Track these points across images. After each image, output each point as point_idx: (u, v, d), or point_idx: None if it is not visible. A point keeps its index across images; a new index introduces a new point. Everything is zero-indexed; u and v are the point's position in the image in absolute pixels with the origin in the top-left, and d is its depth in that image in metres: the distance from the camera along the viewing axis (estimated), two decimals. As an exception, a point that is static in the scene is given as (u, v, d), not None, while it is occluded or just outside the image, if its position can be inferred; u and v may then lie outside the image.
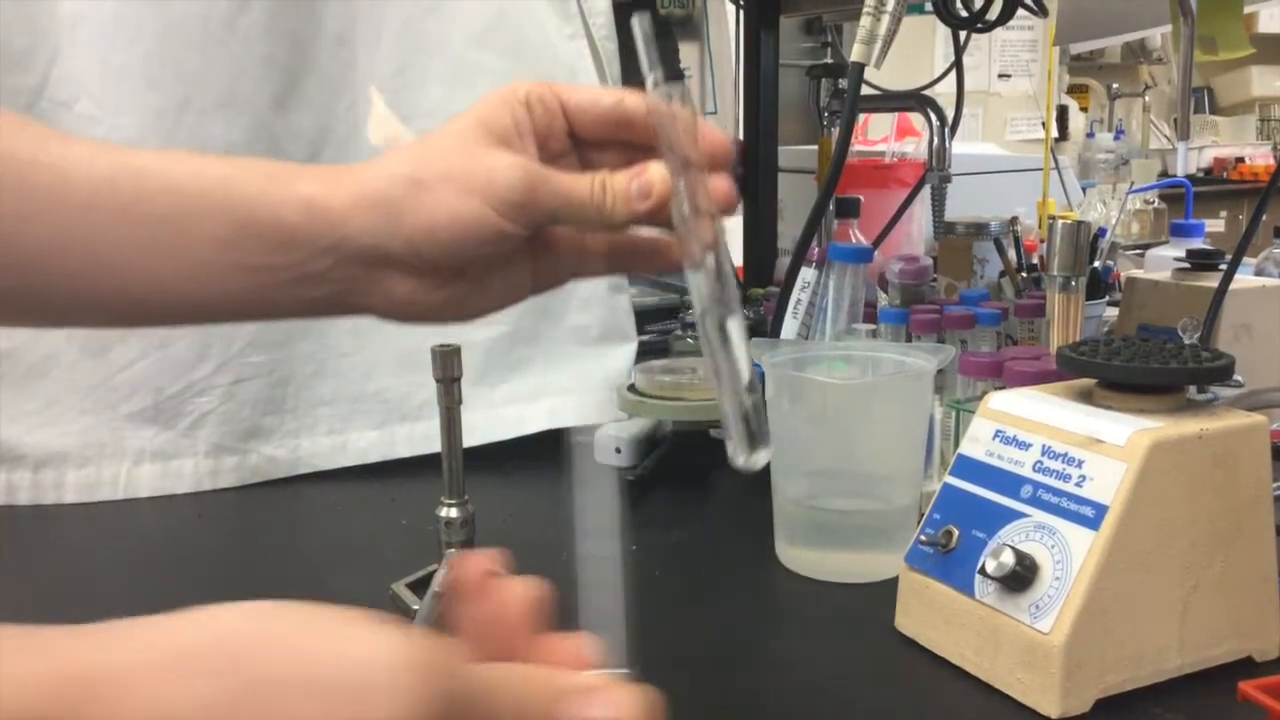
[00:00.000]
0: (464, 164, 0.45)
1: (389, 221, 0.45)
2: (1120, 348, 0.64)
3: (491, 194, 0.45)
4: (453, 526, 0.72)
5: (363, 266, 0.46)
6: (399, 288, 0.47)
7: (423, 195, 0.45)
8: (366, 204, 0.45)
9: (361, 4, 0.96)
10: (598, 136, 0.49)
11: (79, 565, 0.77)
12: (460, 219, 0.45)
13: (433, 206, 0.45)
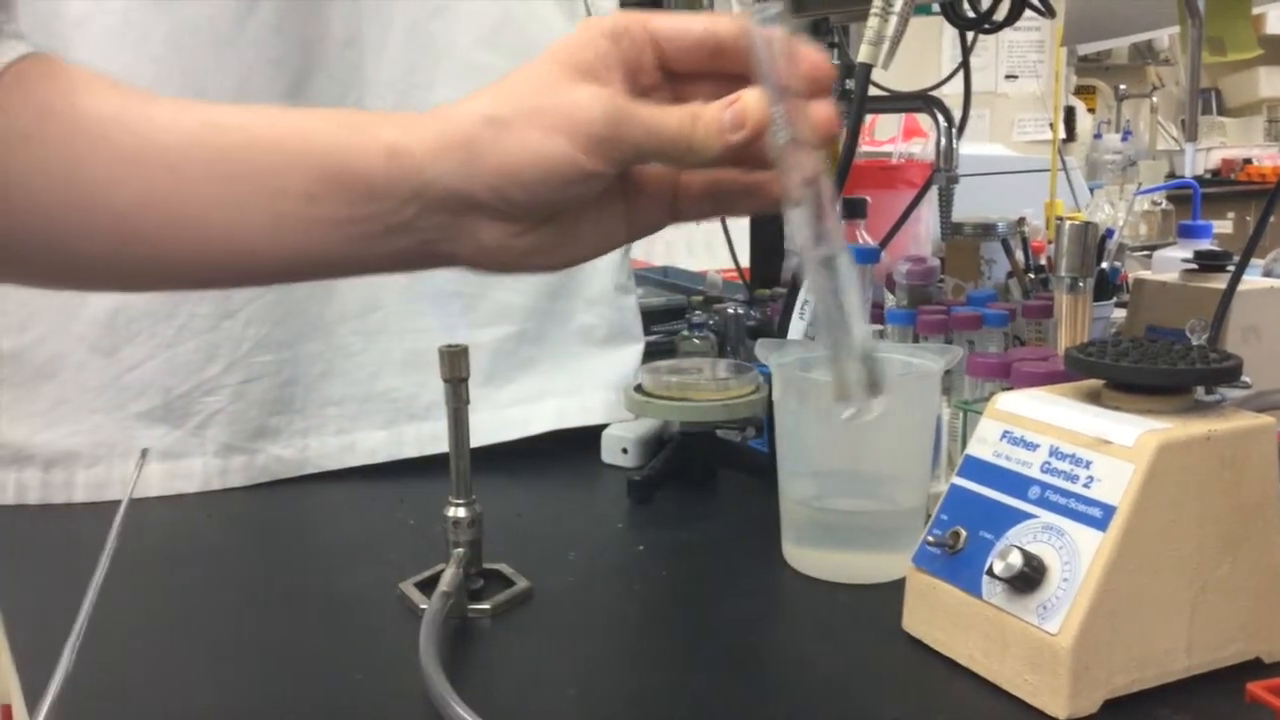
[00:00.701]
0: (545, 99, 0.43)
1: (470, 163, 0.43)
2: (1128, 349, 0.64)
3: (574, 130, 0.42)
4: (460, 526, 0.72)
5: (448, 213, 0.44)
6: (487, 235, 0.45)
7: (503, 134, 0.43)
8: (447, 147, 0.43)
9: (368, 6, 0.96)
10: (690, 67, 0.46)
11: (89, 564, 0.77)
12: (542, 158, 0.43)
13: (514, 145, 0.43)
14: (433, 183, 0.43)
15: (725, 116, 0.43)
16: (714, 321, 1.20)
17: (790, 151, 0.43)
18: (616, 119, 0.43)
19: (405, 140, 0.44)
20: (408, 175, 0.43)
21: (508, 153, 0.43)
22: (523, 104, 0.43)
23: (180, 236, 0.45)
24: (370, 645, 0.69)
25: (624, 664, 0.68)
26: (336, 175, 0.44)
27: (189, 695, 0.64)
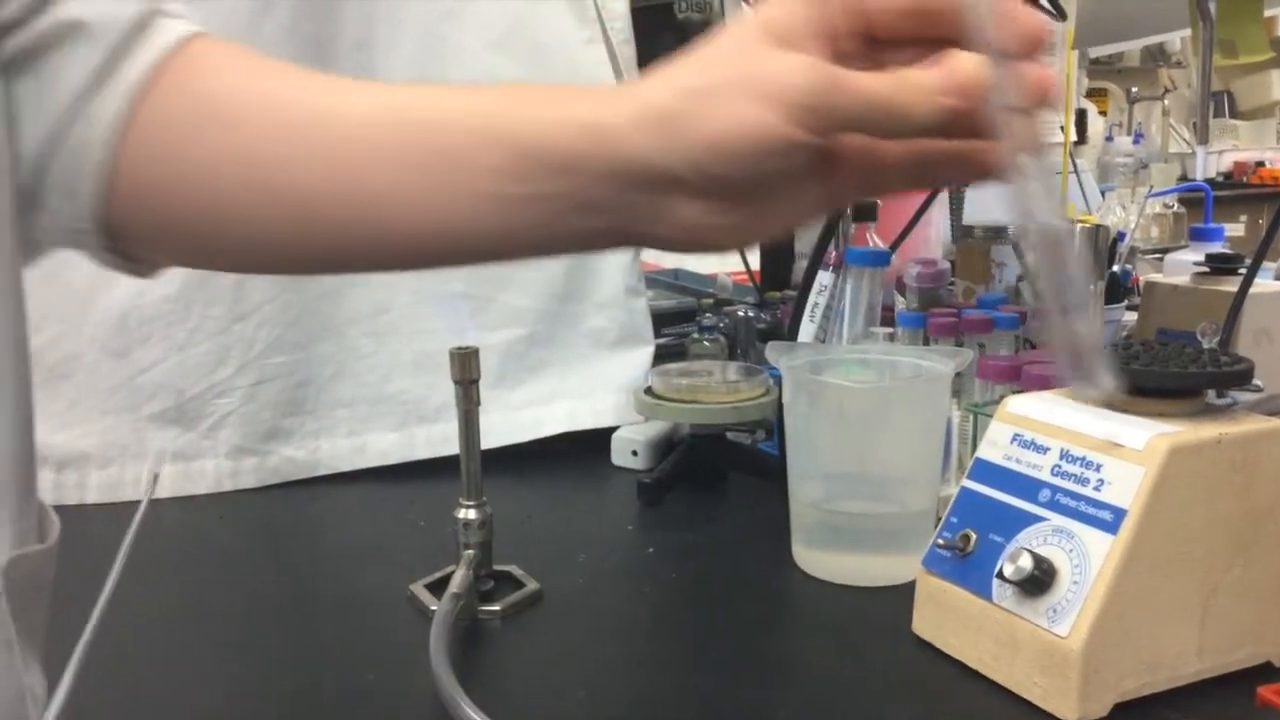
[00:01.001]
0: (747, 68, 0.40)
1: (670, 136, 0.41)
2: (1139, 352, 0.64)
3: (780, 98, 0.40)
4: (471, 528, 0.72)
5: (646, 190, 0.42)
6: (685, 212, 0.43)
7: (705, 105, 0.41)
8: (646, 120, 0.41)
9: (380, 9, 0.96)
10: (893, 32, 0.43)
11: (101, 565, 0.78)
12: (747, 128, 0.40)
13: (716, 116, 0.40)
14: (632, 158, 0.42)
15: (939, 81, 0.41)
16: (724, 324, 1.20)
17: (1006, 117, 0.40)
18: (825, 87, 0.40)
19: (601, 115, 0.42)
20: (605, 150, 0.42)
21: (711, 124, 0.41)
22: (724, 73, 0.41)
23: (365, 217, 0.44)
24: (381, 646, 0.69)
25: (633, 665, 0.68)
26: (531, 151, 0.42)
27: (200, 694, 0.64)
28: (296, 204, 0.44)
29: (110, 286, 0.91)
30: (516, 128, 0.43)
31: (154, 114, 0.45)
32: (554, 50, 1.01)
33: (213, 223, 0.46)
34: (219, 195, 0.45)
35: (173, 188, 0.45)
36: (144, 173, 0.45)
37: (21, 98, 0.44)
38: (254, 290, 0.95)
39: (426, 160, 0.44)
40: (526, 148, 0.43)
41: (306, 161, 0.44)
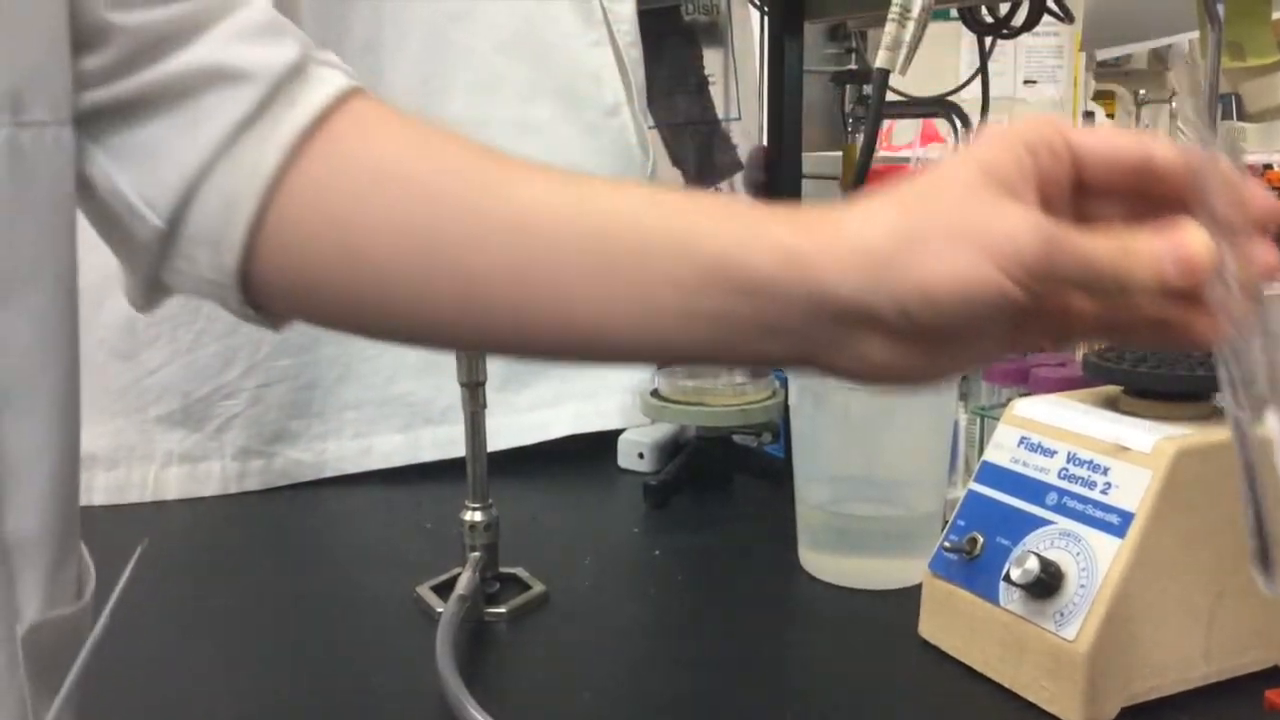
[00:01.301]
0: (970, 218, 0.39)
1: (878, 277, 0.39)
2: (1146, 355, 0.64)
3: (1003, 255, 0.38)
4: (477, 530, 0.72)
5: (839, 324, 0.40)
6: (873, 348, 0.41)
7: (921, 251, 0.39)
8: (853, 256, 0.40)
9: (388, 12, 0.97)
10: (1107, 186, 0.42)
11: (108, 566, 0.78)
12: (964, 281, 0.38)
13: (933, 264, 0.38)
14: (832, 292, 0.40)
15: (1164, 254, 0.39)
16: (730, 327, 1.20)
17: (1225, 295, 0.39)
18: (1050, 248, 0.38)
19: (802, 244, 0.40)
20: (803, 280, 0.40)
21: (925, 271, 0.39)
22: (944, 219, 0.39)
23: (536, 309, 0.42)
24: (387, 648, 0.69)
25: (639, 668, 0.68)
26: (723, 270, 0.41)
27: (206, 696, 0.64)
28: (469, 286, 0.42)
29: (118, 290, 0.91)
30: (710, 243, 0.41)
31: (312, 170, 0.43)
32: (560, 53, 1.01)
33: (368, 292, 0.44)
34: (381, 266, 0.43)
35: (327, 251, 0.43)
36: (296, 231, 0.43)
37: (153, 139, 0.42)
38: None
39: (615, 264, 0.42)
40: (719, 265, 0.41)
41: (488, 247, 0.42)
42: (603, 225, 0.42)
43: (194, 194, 0.42)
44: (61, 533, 0.42)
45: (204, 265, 0.43)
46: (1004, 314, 0.39)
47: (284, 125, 0.43)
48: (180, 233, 0.43)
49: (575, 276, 0.42)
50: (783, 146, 1.47)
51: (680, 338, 0.42)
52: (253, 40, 0.43)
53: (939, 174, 0.41)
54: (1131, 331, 0.43)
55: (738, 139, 1.56)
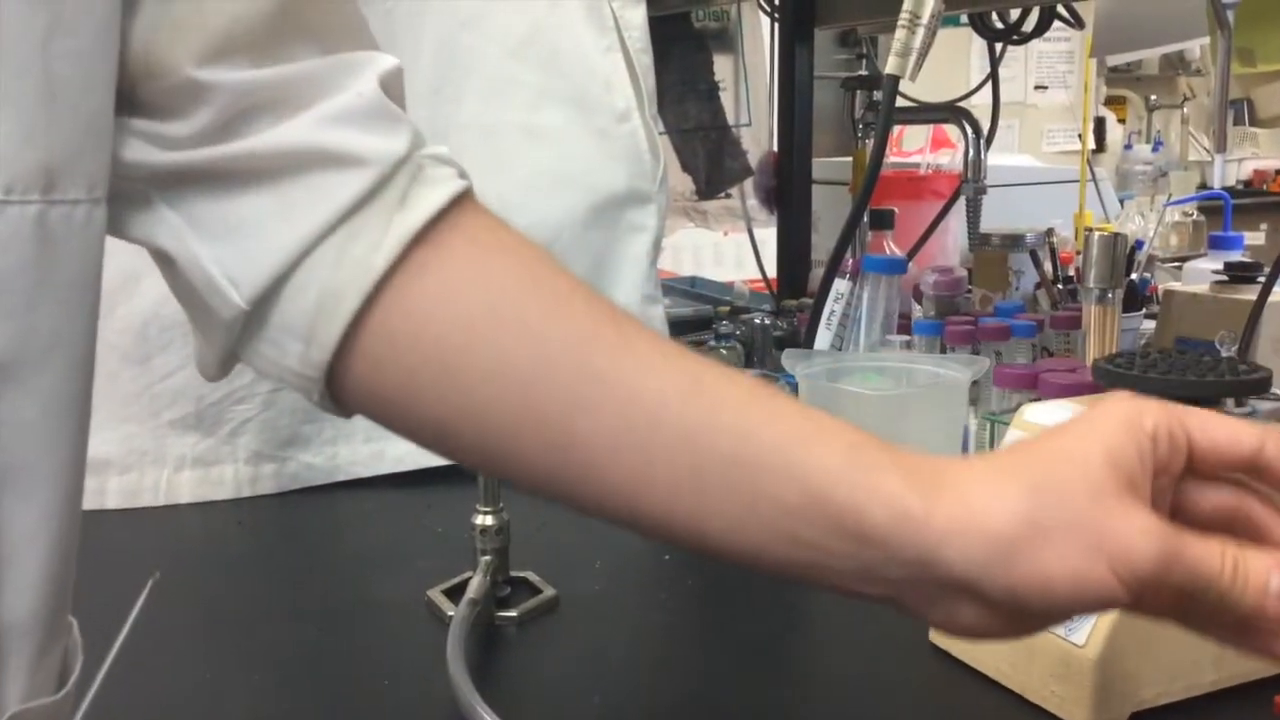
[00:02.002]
0: (1095, 516, 0.38)
1: (996, 562, 0.39)
2: (1157, 360, 0.64)
3: (1122, 563, 0.38)
4: (488, 534, 0.73)
5: (938, 587, 0.40)
6: (967, 612, 0.41)
7: (1041, 544, 0.38)
8: (974, 534, 0.39)
9: (400, 18, 0.97)
10: (1215, 474, 0.42)
11: (121, 570, 0.78)
12: (1080, 580, 0.38)
13: (1053, 560, 0.38)
14: (945, 564, 0.39)
15: (1275, 584, 0.39)
16: (741, 332, 1.21)
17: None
18: (1168, 561, 0.38)
19: (919, 504, 0.39)
20: (914, 543, 0.39)
21: (1042, 566, 0.38)
22: (1069, 513, 0.39)
23: (635, 494, 0.42)
24: (398, 652, 0.69)
25: (649, 673, 0.68)
26: (829, 504, 0.40)
27: (218, 699, 0.64)
28: (568, 446, 0.41)
29: (131, 295, 0.92)
30: (820, 477, 0.40)
31: (421, 284, 0.41)
32: (571, 59, 1.01)
33: (460, 424, 0.42)
34: (478, 403, 0.41)
35: (424, 372, 0.41)
36: (395, 342, 0.41)
37: (243, 215, 0.40)
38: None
39: (720, 468, 0.41)
40: (821, 498, 0.40)
41: (599, 416, 0.41)
42: (714, 419, 0.41)
43: (286, 280, 0.40)
44: (51, 618, 0.40)
45: (293, 357, 0.42)
46: (1106, 608, 0.40)
47: (396, 226, 0.41)
48: (267, 318, 0.41)
49: (687, 475, 0.41)
50: (793, 152, 1.48)
51: (769, 553, 0.42)
52: (363, 124, 0.41)
53: (1066, 453, 0.40)
54: (1212, 629, 0.43)
55: (748, 144, 1.56)
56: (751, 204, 1.57)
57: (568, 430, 0.41)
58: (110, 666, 0.59)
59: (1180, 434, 0.40)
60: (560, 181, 1.02)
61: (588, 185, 1.03)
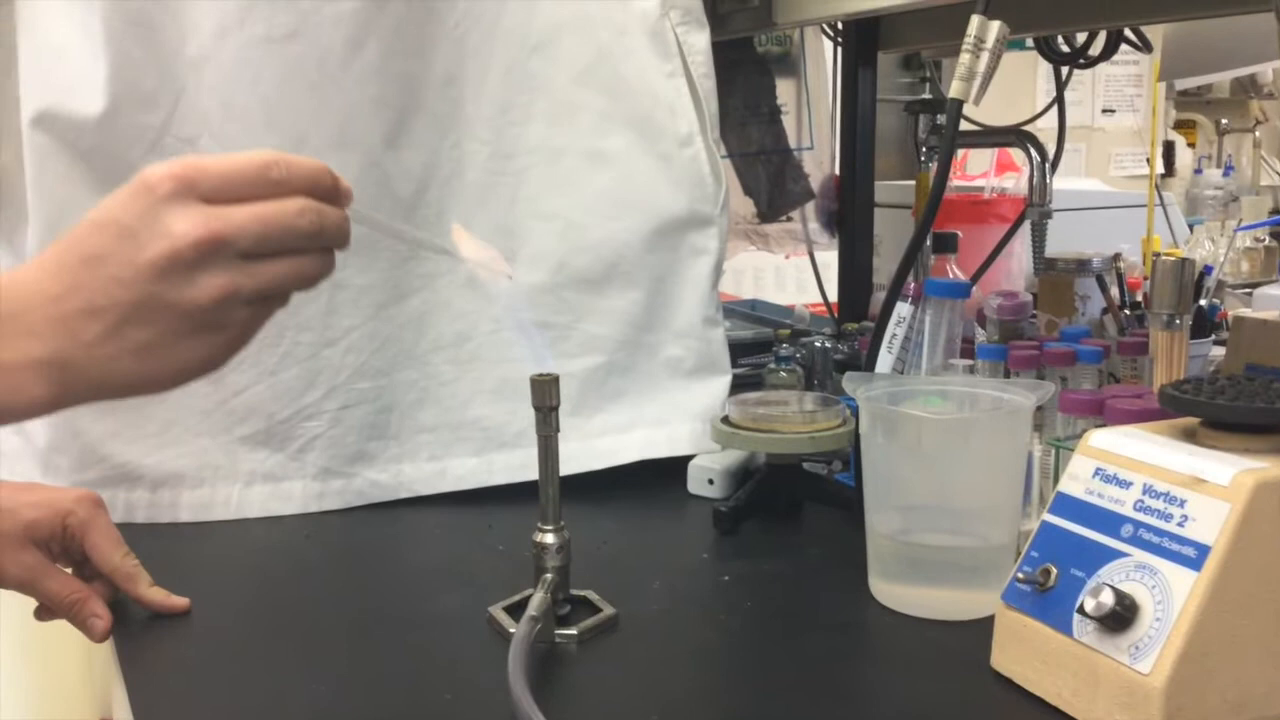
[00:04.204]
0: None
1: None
2: (1225, 386, 0.63)
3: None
4: (549, 552, 0.73)
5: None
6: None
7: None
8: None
9: (470, 45, 0.99)
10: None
11: (192, 582, 0.80)
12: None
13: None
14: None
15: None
16: (801, 354, 1.21)
17: None
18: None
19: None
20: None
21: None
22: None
23: None
24: (460, 666, 0.70)
25: (708, 693, 0.68)
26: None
27: (283, 709, 0.66)
28: None
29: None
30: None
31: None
32: (635, 84, 1.02)
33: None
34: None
35: None
36: None
37: None
38: (343, 317, 0.98)
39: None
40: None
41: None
42: None
43: None
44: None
45: None
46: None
47: None
48: None
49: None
50: (855, 175, 1.48)
51: None
52: None
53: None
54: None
55: (810, 168, 1.56)
56: (813, 227, 1.57)
57: None
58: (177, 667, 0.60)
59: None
60: (623, 205, 1.03)
61: (650, 208, 1.04)
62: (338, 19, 0.92)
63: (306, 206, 0.56)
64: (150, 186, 0.54)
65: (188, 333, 0.55)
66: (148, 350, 0.54)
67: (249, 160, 0.55)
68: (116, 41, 0.90)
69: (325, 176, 0.58)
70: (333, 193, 0.59)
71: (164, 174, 0.54)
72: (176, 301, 0.54)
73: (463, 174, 1.00)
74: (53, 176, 0.91)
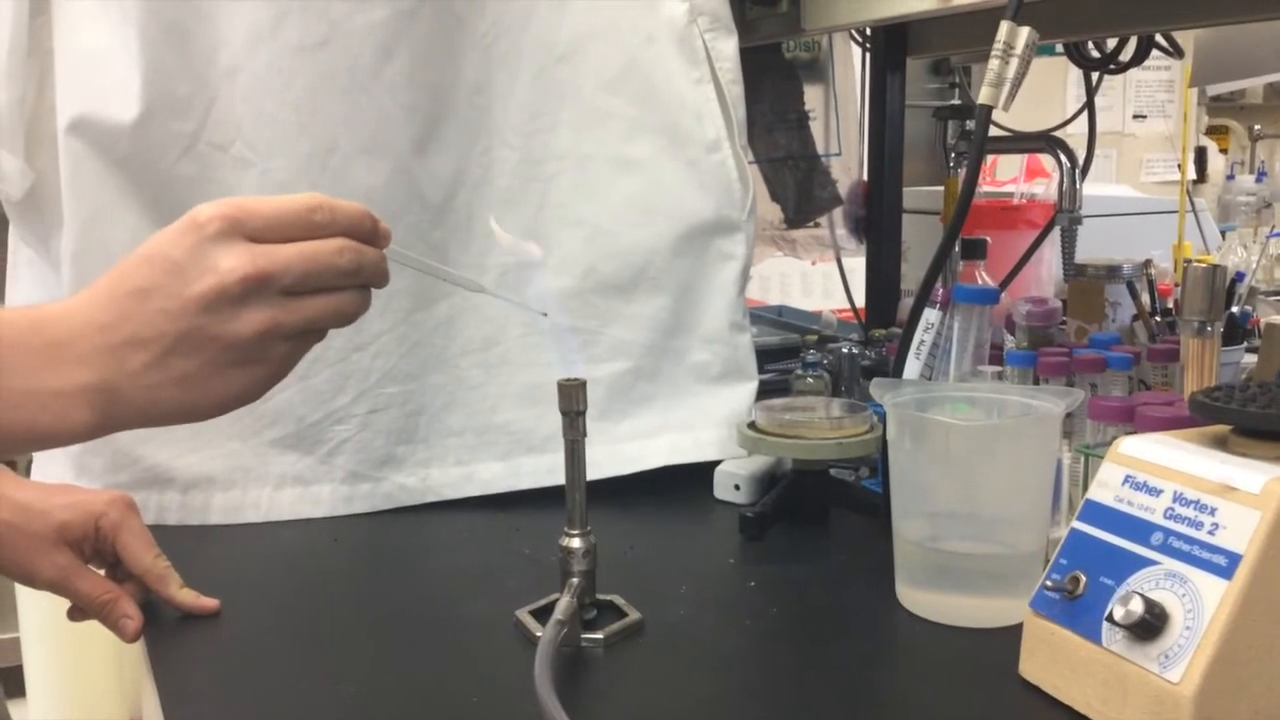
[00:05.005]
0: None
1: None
2: (1256, 394, 0.62)
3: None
4: (575, 556, 0.73)
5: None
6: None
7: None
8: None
9: (499, 53, 1.00)
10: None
11: (222, 584, 0.81)
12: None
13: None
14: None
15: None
16: (828, 361, 1.20)
17: None
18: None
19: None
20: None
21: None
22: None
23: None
24: (486, 670, 0.71)
25: (734, 698, 0.68)
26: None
27: (310, 711, 0.66)
28: None
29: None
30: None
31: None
32: (664, 91, 1.03)
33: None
34: None
35: None
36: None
37: None
38: (373, 321, 0.98)
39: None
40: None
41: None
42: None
43: None
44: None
45: None
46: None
47: None
48: None
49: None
50: (883, 181, 1.47)
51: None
52: None
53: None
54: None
55: (838, 174, 1.56)
56: (840, 233, 1.57)
57: None
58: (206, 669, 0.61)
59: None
60: (650, 210, 1.03)
61: (677, 214, 1.04)
62: (369, 28, 0.93)
63: (346, 246, 0.59)
64: (200, 224, 0.57)
65: (229, 365, 0.58)
66: (190, 381, 0.57)
67: (295, 202, 0.59)
68: (151, 49, 0.91)
69: (366, 219, 0.61)
70: (372, 234, 0.61)
71: (213, 213, 0.57)
72: (220, 335, 0.57)
73: (491, 180, 1.01)
74: (87, 182, 0.93)
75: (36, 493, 0.77)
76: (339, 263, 0.59)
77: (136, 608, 0.76)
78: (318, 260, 0.58)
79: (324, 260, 0.58)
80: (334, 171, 0.95)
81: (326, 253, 0.58)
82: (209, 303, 0.56)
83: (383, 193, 0.96)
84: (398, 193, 0.97)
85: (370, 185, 0.95)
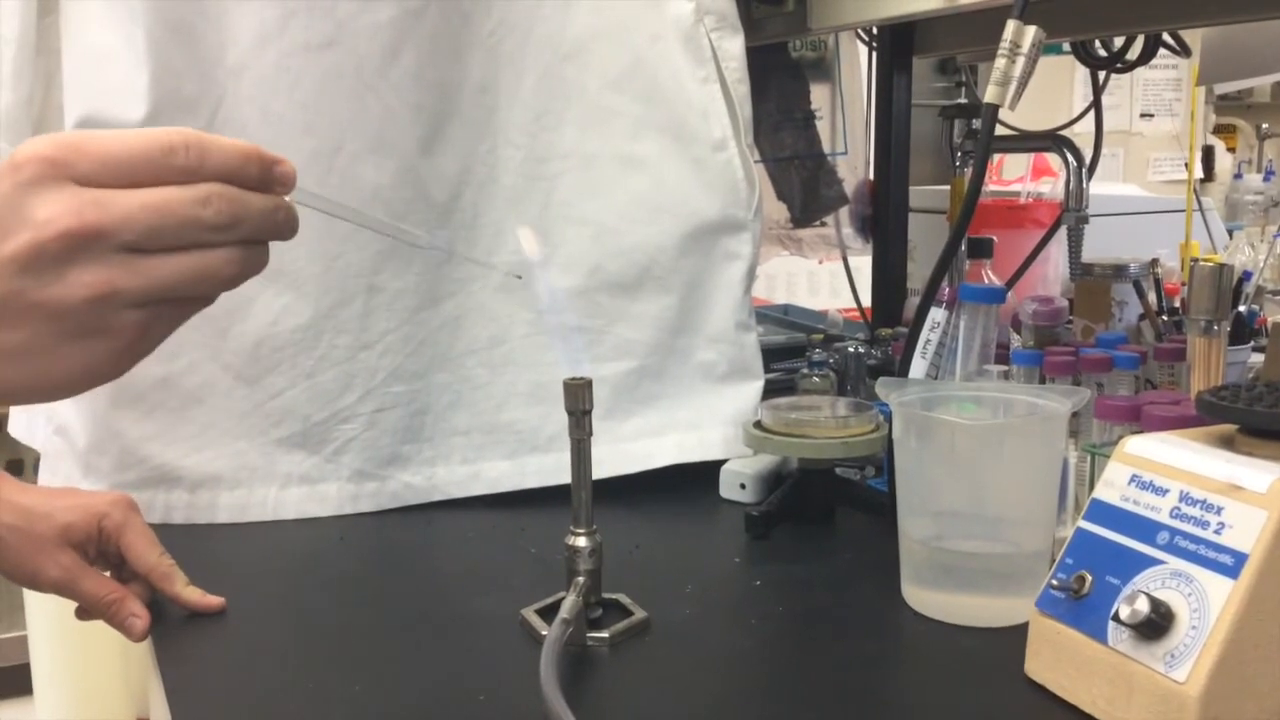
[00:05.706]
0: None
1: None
2: (1262, 393, 0.62)
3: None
4: (581, 555, 0.74)
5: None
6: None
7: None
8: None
9: (505, 52, 1.00)
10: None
11: (229, 582, 0.81)
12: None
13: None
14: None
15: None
16: (834, 360, 1.20)
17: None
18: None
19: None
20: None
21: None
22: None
23: None
24: (492, 668, 0.71)
25: (739, 697, 0.68)
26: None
27: (317, 710, 0.66)
28: None
29: (245, 316, 0.96)
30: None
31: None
32: (670, 89, 1.03)
33: None
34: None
35: None
36: None
37: None
38: (379, 320, 0.99)
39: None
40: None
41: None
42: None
43: None
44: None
45: None
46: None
47: None
48: None
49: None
50: (889, 180, 1.47)
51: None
52: None
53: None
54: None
55: (844, 173, 1.56)
56: (846, 232, 1.57)
57: None
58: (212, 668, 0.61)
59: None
60: (656, 209, 1.03)
61: (683, 213, 1.04)
62: (375, 28, 0.93)
63: (214, 194, 0.49)
64: (16, 166, 0.47)
65: (64, 336, 0.48)
66: (22, 355, 0.48)
67: (145, 138, 0.48)
68: (158, 49, 0.91)
69: (251, 161, 0.51)
70: (261, 178, 0.51)
71: (31, 153, 0.47)
72: (43, 301, 0.47)
73: (497, 179, 1.01)
74: (95, 181, 0.93)
75: (39, 496, 0.77)
76: (202, 214, 0.48)
77: (143, 607, 0.76)
78: (169, 211, 0.47)
79: (179, 211, 0.48)
80: (340, 171, 0.95)
81: (183, 202, 0.48)
82: (24, 263, 0.46)
83: (389, 192, 0.96)
84: (404, 192, 0.97)
85: (377, 184, 0.96)
